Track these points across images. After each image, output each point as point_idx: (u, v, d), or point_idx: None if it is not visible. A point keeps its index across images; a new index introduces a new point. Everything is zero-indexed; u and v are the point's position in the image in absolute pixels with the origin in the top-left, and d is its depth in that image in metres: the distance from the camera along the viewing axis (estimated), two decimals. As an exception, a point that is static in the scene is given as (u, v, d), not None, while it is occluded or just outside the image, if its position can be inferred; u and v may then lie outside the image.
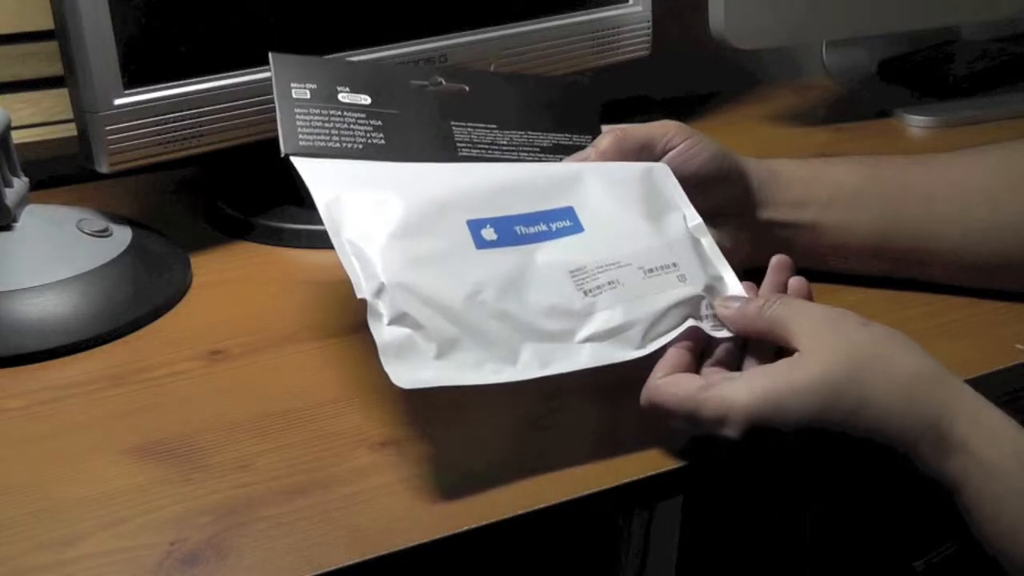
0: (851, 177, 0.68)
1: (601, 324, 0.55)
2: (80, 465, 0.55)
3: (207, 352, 0.65)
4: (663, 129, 0.65)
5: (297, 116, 0.62)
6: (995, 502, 0.48)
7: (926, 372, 0.51)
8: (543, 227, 0.58)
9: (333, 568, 0.48)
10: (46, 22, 0.70)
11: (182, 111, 0.72)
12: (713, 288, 0.59)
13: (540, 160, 0.66)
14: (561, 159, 0.66)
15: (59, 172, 0.85)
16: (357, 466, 0.55)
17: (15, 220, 0.70)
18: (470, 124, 0.66)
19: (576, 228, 0.59)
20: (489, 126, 0.66)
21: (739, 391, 0.51)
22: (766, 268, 0.69)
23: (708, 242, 0.62)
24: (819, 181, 0.68)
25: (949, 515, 0.51)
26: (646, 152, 0.64)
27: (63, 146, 0.84)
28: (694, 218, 0.62)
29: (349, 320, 0.67)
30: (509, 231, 0.58)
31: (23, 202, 0.71)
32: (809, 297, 0.58)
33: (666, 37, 0.97)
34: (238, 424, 0.58)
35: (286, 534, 0.50)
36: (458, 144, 0.65)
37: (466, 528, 0.50)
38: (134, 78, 0.70)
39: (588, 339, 0.55)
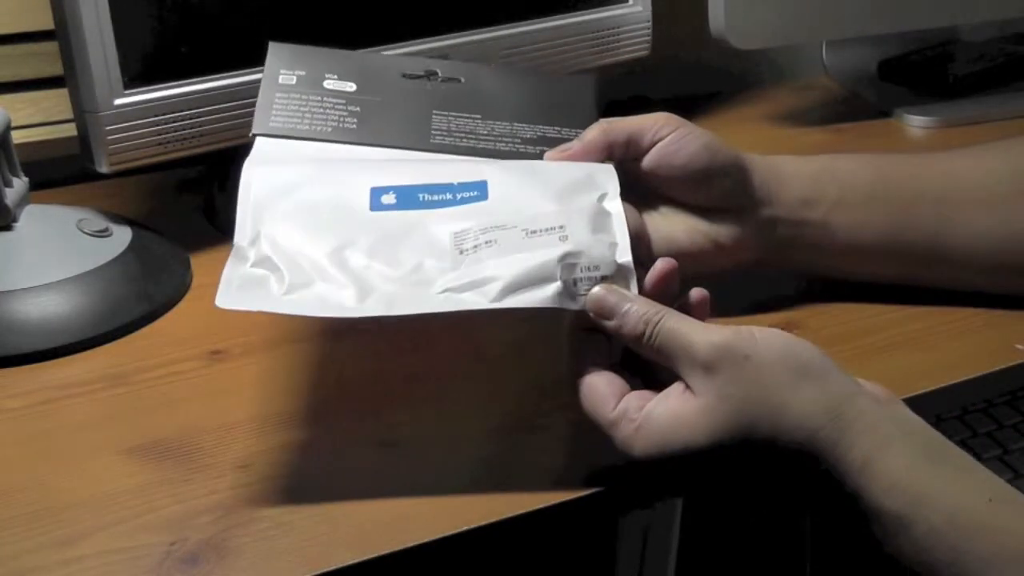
0: (860, 176, 0.67)
1: (462, 276, 0.52)
2: (80, 465, 0.55)
3: (207, 352, 0.65)
4: (652, 120, 0.63)
5: (276, 100, 0.62)
6: (895, 541, 0.48)
7: (812, 422, 0.48)
8: (447, 196, 0.57)
9: (333, 568, 0.48)
10: (46, 22, 0.70)
11: (182, 111, 0.72)
12: (596, 251, 0.54)
13: (518, 151, 0.64)
14: (542, 152, 0.63)
15: (59, 172, 0.85)
16: (357, 466, 0.55)
17: (15, 220, 0.70)
18: (453, 113, 0.64)
19: (481, 198, 0.57)
20: (473, 116, 0.65)
21: (639, 444, 0.50)
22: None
23: (616, 211, 0.56)
24: (827, 179, 0.66)
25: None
26: (634, 144, 0.62)
27: (63, 146, 0.84)
28: (614, 199, 0.57)
29: (349, 320, 0.67)
30: (411, 198, 0.56)
31: (23, 202, 0.71)
32: (708, 310, 0.55)
33: (666, 37, 0.97)
34: (238, 424, 0.58)
35: (286, 534, 0.50)
36: (433, 132, 0.64)
37: (466, 528, 0.50)
38: (134, 78, 0.70)
39: (446, 290, 0.52)
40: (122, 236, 0.73)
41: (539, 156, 0.63)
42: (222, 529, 0.50)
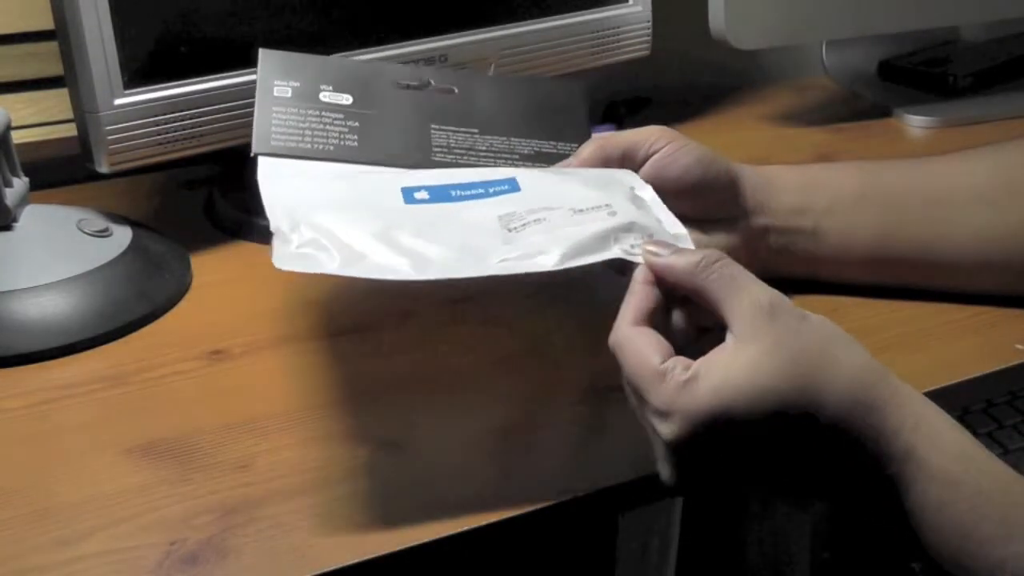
0: (850, 182, 0.67)
1: (519, 249, 0.52)
2: (80, 465, 0.55)
3: (207, 352, 0.65)
4: (646, 134, 0.63)
5: (274, 115, 0.62)
6: (939, 509, 0.47)
7: (867, 377, 0.49)
8: (480, 191, 0.57)
9: (333, 568, 0.48)
10: (46, 22, 0.70)
11: (182, 111, 0.72)
12: (646, 223, 0.55)
13: (517, 168, 0.64)
14: (541, 168, 0.64)
15: (59, 172, 0.85)
16: (357, 466, 0.55)
17: (15, 220, 0.70)
18: (450, 128, 0.65)
19: (513, 190, 0.57)
20: (470, 131, 0.65)
21: (683, 392, 0.47)
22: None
23: (651, 197, 0.58)
24: (817, 187, 0.67)
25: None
26: (628, 159, 0.62)
27: (63, 146, 0.84)
28: (644, 188, 0.59)
29: (349, 320, 0.67)
30: (443, 194, 0.56)
31: (23, 202, 0.71)
32: None
33: (666, 37, 0.97)
34: (238, 424, 0.58)
35: (286, 534, 0.50)
36: (434, 148, 0.64)
37: (466, 528, 0.50)
38: (134, 78, 0.70)
39: (503, 260, 0.52)
40: (122, 236, 0.73)
41: None
42: (222, 529, 0.50)
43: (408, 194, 0.56)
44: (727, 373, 0.47)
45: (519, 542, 0.52)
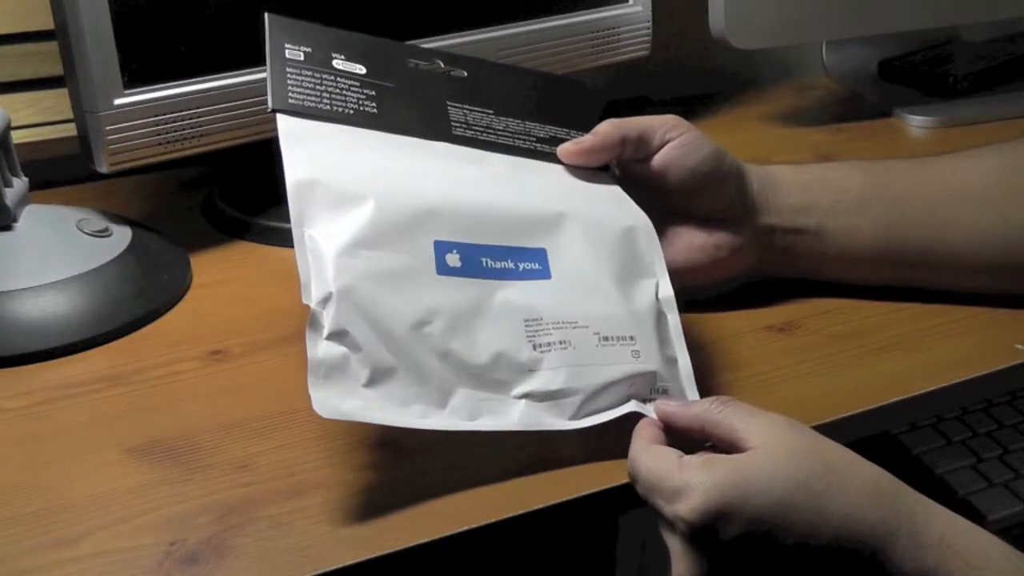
0: (853, 182, 0.67)
1: (541, 384, 0.54)
2: (80, 465, 0.55)
3: (207, 352, 0.65)
4: (662, 121, 0.64)
5: (288, 75, 0.61)
6: None
7: (891, 478, 0.49)
8: (510, 264, 0.56)
9: (333, 568, 0.48)
10: (46, 22, 0.70)
11: (182, 111, 0.72)
12: (664, 371, 0.56)
13: (535, 149, 0.65)
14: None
15: (59, 172, 0.86)
16: (357, 466, 0.55)
17: (15, 220, 0.70)
18: (466, 106, 0.65)
19: (544, 274, 0.57)
20: (486, 111, 0.66)
21: (701, 468, 0.48)
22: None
23: (674, 320, 0.58)
24: (821, 187, 0.67)
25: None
26: (644, 142, 0.63)
27: (63, 146, 0.84)
28: (666, 289, 0.59)
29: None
30: (475, 262, 0.56)
31: (23, 202, 0.71)
32: None
33: (666, 37, 0.97)
34: (238, 424, 0.58)
35: (286, 534, 0.50)
36: (453, 123, 0.64)
37: (466, 528, 0.50)
38: (134, 78, 0.70)
39: (525, 396, 0.53)
40: (122, 236, 0.73)
41: (554, 155, 0.65)
42: (222, 529, 0.50)
43: (440, 256, 0.55)
44: (747, 457, 0.48)
45: (519, 542, 0.52)
